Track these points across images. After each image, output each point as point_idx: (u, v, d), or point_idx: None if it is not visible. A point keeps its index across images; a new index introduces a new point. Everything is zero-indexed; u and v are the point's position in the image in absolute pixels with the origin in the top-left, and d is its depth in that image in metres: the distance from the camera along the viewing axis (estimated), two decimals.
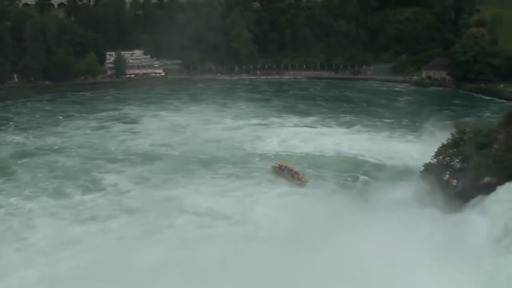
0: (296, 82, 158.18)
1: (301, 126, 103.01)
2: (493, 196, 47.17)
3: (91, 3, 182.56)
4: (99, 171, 76.27)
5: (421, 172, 58.29)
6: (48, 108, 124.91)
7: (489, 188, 48.60)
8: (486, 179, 49.51)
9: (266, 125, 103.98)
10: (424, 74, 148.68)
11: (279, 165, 74.72)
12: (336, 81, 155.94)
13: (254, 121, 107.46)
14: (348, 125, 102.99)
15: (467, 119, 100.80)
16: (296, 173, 71.82)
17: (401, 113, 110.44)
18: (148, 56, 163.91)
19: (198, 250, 49.47)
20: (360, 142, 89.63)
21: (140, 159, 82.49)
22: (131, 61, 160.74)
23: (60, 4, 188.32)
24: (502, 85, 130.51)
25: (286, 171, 72.66)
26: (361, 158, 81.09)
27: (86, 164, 79.88)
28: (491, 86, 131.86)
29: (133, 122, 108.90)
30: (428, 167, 57.46)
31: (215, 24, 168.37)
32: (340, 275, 40.30)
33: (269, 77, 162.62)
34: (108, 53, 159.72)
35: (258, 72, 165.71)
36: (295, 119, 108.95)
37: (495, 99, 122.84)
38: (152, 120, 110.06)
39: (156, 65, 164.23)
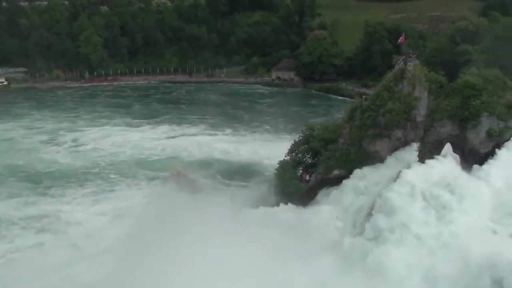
0: (162, 86, 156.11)
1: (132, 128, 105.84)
2: (340, 188, 51.03)
3: None
4: None
5: (276, 169, 61.01)
6: None
7: (338, 180, 52.38)
8: (335, 172, 52.89)
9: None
10: (274, 75, 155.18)
11: (177, 172, 73.11)
12: (204, 85, 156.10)
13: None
14: (194, 125, 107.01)
15: (321, 118, 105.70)
16: (193, 180, 70.73)
17: (262, 114, 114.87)
18: None
19: None
20: (216, 143, 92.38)
21: None
22: None
23: None
24: (343, 84, 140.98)
25: (183, 178, 71.09)
26: (211, 158, 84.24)
27: None
28: (335, 85, 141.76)
29: None
30: (282, 164, 60.26)
31: (61, 29, 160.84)
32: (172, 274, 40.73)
33: (122, 82, 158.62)
34: None
35: (110, 78, 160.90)
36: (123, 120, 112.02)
37: (347, 98, 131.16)
38: None
39: None
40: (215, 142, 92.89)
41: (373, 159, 50.35)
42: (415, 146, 48.33)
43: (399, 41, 67.18)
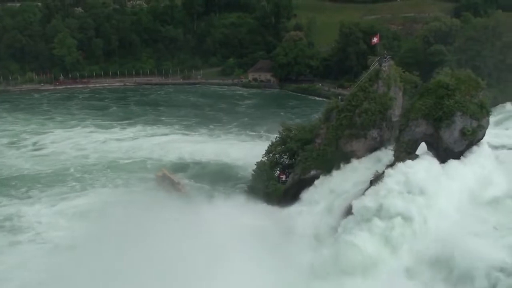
0: (141, 88, 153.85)
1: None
2: (314, 188, 51.50)
3: None
4: None
5: (253, 170, 61.24)
6: None
7: (316, 180, 52.78)
8: (312, 172, 53.44)
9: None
10: (250, 76, 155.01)
11: (163, 174, 72.01)
12: (182, 86, 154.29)
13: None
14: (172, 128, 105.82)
15: (298, 119, 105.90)
16: (178, 183, 69.83)
17: (242, 116, 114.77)
18: None
19: None
20: (192, 145, 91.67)
21: None
22: None
23: None
24: (319, 85, 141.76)
25: (168, 180, 70.13)
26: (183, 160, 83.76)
27: None
28: (311, 86, 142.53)
29: None
30: (260, 165, 60.55)
31: (34, 31, 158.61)
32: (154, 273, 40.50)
33: (97, 85, 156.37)
34: None
35: (84, 80, 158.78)
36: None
37: (324, 99, 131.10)
38: None
39: None
40: (193, 144, 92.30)
41: (349, 159, 51.01)
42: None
43: (374, 41, 67.69)
